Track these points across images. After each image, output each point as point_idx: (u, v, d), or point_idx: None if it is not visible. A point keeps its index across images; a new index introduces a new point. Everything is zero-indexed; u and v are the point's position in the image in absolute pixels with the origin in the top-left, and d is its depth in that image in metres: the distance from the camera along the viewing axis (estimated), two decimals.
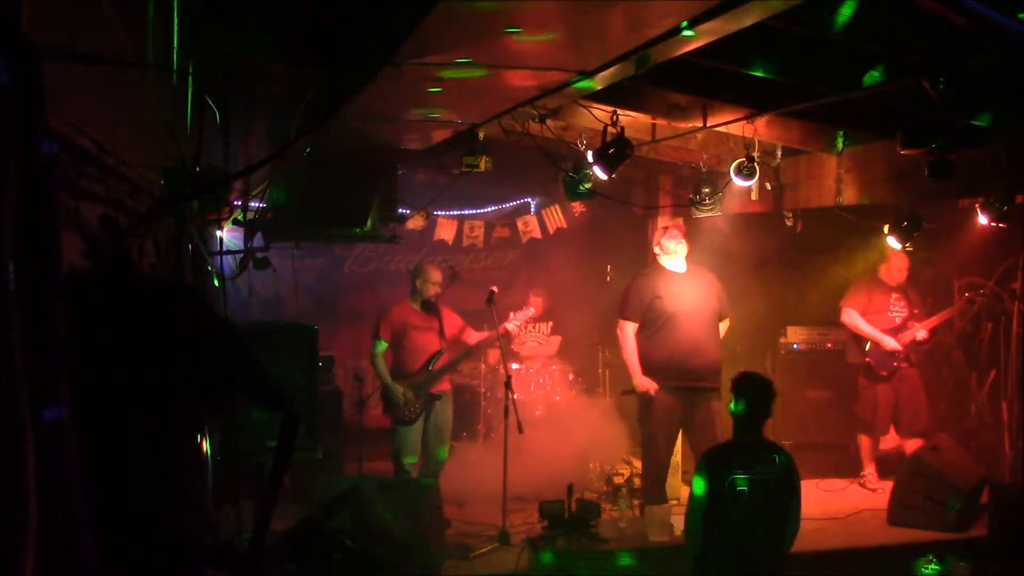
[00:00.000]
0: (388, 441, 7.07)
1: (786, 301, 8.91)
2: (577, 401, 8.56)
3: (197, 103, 3.98)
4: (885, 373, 7.55)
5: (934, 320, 7.61)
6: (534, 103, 4.93)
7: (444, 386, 7.19)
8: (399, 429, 6.95)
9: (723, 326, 6.75)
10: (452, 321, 7.23)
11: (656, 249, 6.82)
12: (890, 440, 8.29)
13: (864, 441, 7.78)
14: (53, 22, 1.89)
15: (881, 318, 7.61)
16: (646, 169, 7.58)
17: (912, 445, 7.50)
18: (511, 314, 7.47)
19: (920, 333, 7.53)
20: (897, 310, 7.65)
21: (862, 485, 7.69)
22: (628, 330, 6.60)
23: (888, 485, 7.16)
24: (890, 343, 7.48)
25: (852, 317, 7.63)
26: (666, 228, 6.88)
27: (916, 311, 7.63)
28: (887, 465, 7.69)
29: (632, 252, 8.41)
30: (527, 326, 8.95)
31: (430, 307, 7.08)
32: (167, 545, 2.07)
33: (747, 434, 4.76)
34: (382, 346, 7.02)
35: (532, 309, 7.58)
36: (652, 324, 6.55)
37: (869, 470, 7.73)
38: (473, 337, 7.34)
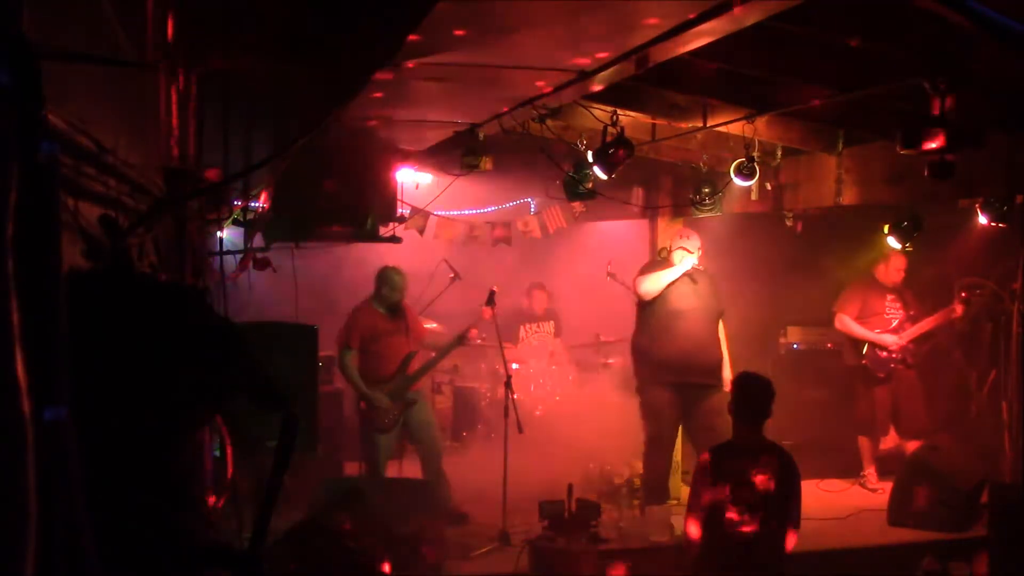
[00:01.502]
0: None
1: (786, 301, 8.92)
2: (577, 401, 8.56)
3: (197, 104, 3.98)
4: (882, 375, 7.56)
5: (916, 331, 7.61)
6: (534, 103, 4.93)
7: (418, 385, 7.11)
8: (375, 438, 6.82)
9: (720, 324, 6.80)
10: (416, 321, 7.15)
11: (668, 251, 6.82)
12: (890, 440, 8.29)
13: (863, 443, 7.79)
14: (53, 22, 1.89)
15: (877, 320, 7.63)
16: (646, 169, 7.58)
17: (912, 445, 7.51)
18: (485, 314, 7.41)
19: (893, 339, 7.52)
20: (893, 312, 7.67)
21: (862, 485, 7.70)
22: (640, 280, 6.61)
23: (888, 485, 7.17)
24: (888, 340, 7.50)
25: (845, 323, 7.68)
26: (681, 235, 6.85)
27: (912, 312, 7.64)
28: (887, 465, 7.69)
29: (632, 252, 8.41)
30: (528, 328, 8.95)
31: (396, 310, 7.00)
32: (167, 545, 2.07)
33: (747, 434, 4.76)
34: (350, 354, 6.85)
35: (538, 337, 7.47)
36: (655, 320, 6.58)
37: (869, 470, 7.74)
38: (426, 332, 7.21)
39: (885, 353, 7.55)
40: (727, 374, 6.68)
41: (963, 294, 7.62)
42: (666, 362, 6.51)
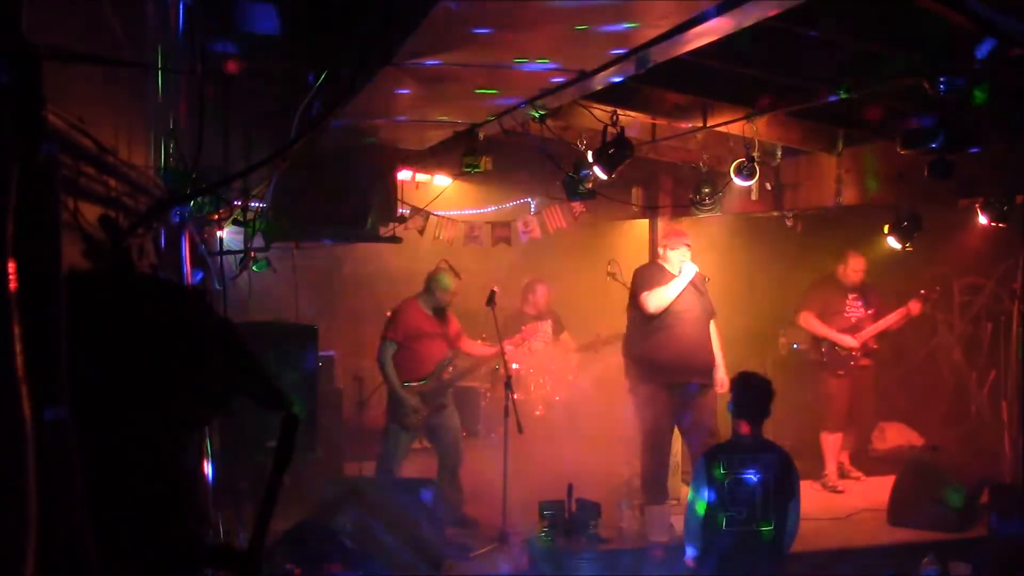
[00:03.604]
0: None
1: (786, 301, 8.91)
2: (577, 401, 8.55)
3: (197, 103, 3.98)
4: (841, 372, 7.57)
5: (875, 329, 7.58)
6: (534, 103, 4.93)
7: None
8: (398, 433, 6.81)
9: (713, 324, 6.81)
10: (455, 327, 7.12)
11: (660, 250, 6.84)
12: (890, 440, 8.29)
13: (827, 440, 7.72)
14: (53, 22, 1.89)
15: (838, 319, 7.64)
16: (646, 169, 7.58)
17: (832, 440, 7.63)
18: (523, 331, 7.44)
19: (850, 342, 7.54)
20: (853, 311, 7.67)
21: (823, 486, 7.61)
22: (647, 297, 6.59)
23: (850, 483, 7.46)
24: (848, 341, 7.51)
25: (808, 320, 7.70)
26: (676, 233, 6.83)
27: (872, 311, 7.63)
28: (887, 465, 7.69)
29: (632, 252, 8.41)
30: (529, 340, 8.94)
31: (441, 312, 6.99)
32: (167, 545, 2.07)
33: (746, 434, 4.76)
34: (392, 348, 6.76)
35: (538, 339, 7.47)
36: (649, 321, 6.58)
37: (831, 469, 7.68)
38: (469, 346, 7.22)
39: (844, 351, 7.57)
40: (720, 375, 6.68)
41: (922, 292, 7.60)
42: (660, 362, 6.52)
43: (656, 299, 6.52)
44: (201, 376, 2.10)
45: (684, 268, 6.56)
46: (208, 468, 3.91)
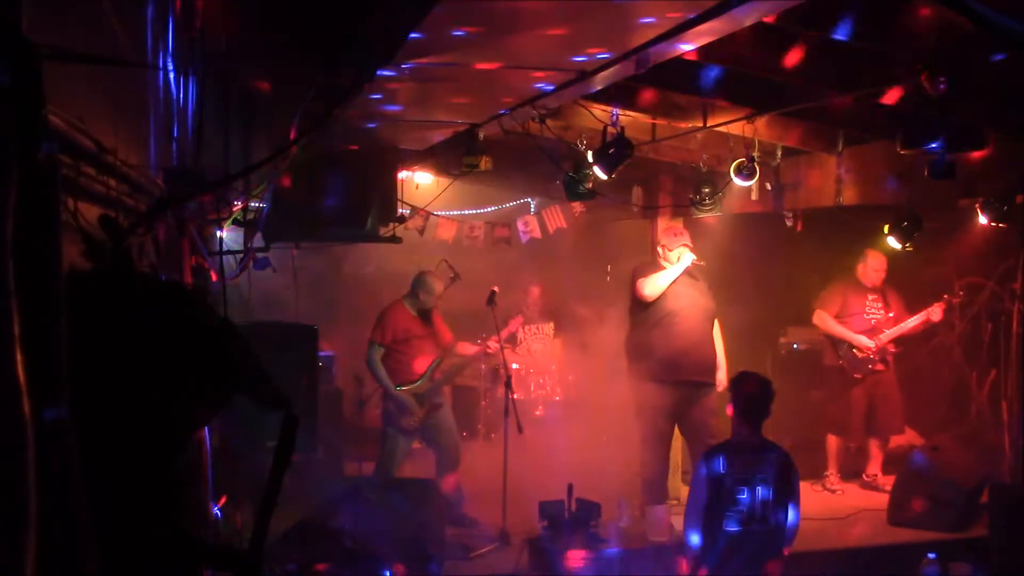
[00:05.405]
0: None
1: (786, 301, 8.92)
2: (577, 401, 8.55)
3: (197, 103, 3.98)
4: (859, 376, 7.51)
5: (896, 332, 7.53)
6: (534, 103, 4.93)
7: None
8: (396, 436, 6.83)
9: (716, 324, 6.80)
10: (444, 330, 7.15)
11: (660, 249, 6.82)
12: (890, 440, 8.27)
13: (832, 442, 7.72)
14: (53, 22, 1.89)
15: (857, 320, 7.57)
16: (646, 169, 7.58)
17: (876, 448, 7.64)
18: (508, 323, 7.45)
19: (877, 340, 7.48)
20: (873, 312, 7.61)
21: (823, 487, 7.63)
22: (642, 282, 6.57)
23: (850, 484, 7.45)
24: (864, 342, 7.45)
25: (823, 320, 7.63)
26: (675, 232, 6.82)
27: (892, 313, 7.59)
28: (889, 465, 7.68)
29: (632, 252, 8.41)
30: (527, 329, 8.94)
31: (426, 315, 7.02)
32: (167, 545, 2.07)
33: (746, 434, 4.76)
34: (379, 351, 6.82)
35: (516, 324, 7.51)
36: (651, 319, 6.58)
37: (832, 471, 7.69)
38: (462, 347, 7.26)
39: (862, 354, 7.51)
40: (722, 375, 6.68)
41: (944, 296, 7.56)
42: (662, 359, 6.51)
43: (651, 285, 6.51)
44: (201, 376, 2.10)
45: (682, 257, 6.55)
46: (208, 468, 3.91)
